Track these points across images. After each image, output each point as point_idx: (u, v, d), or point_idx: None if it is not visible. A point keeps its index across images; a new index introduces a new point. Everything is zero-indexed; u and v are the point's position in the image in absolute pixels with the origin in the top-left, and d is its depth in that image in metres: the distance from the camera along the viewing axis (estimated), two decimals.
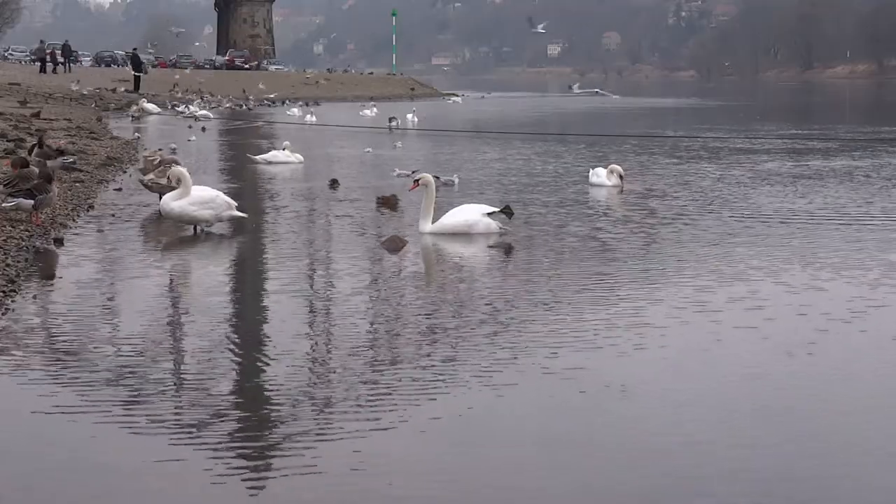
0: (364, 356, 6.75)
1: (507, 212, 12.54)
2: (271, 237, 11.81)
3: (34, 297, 8.32)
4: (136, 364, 6.49)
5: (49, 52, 67.48)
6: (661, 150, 24.66)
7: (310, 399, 5.86)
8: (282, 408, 5.71)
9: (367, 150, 23.86)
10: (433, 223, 11.49)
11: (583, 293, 8.69)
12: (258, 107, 52.21)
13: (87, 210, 13.24)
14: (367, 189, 16.25)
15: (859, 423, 5.61)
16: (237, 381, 6.22)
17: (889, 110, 55.29)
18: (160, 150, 17.27)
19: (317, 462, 4.95)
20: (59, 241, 10.69)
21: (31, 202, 11.14)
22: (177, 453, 5.01)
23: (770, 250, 10.67)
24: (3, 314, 7.60)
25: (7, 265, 9.00)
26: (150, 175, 13.58)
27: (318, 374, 6.38)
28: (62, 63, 67.01)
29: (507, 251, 10.70)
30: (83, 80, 52.33)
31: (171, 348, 6.94)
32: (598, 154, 23.32)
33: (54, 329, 7.36)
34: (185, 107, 42.56)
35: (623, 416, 5.61)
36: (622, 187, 16.00)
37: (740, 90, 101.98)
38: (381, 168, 19.88)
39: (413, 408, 5.68)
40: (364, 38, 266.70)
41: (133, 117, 37.49)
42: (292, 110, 42.53)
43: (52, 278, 9.12)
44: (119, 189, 15.61)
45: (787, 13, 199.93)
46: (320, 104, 55.75)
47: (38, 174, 11.45)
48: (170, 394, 5.93)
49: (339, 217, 13.28)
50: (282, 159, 20.75)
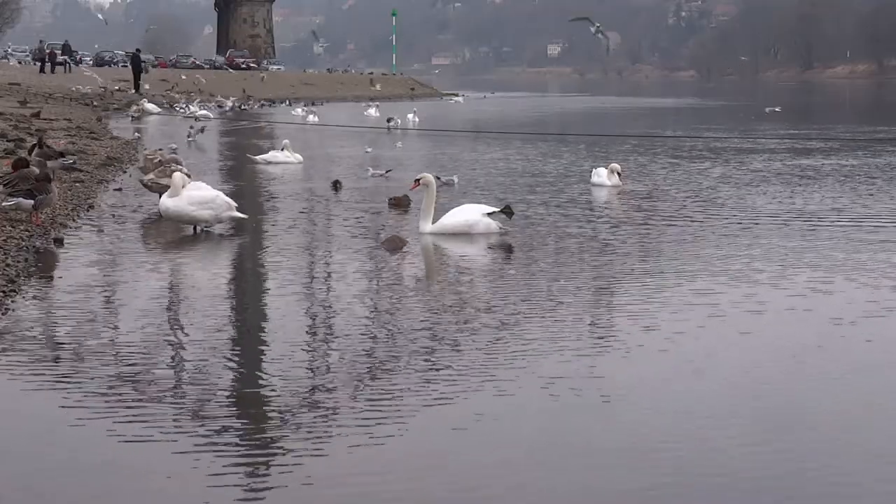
0: (364, 356, 6.74)
1: (508, 212, 12.52)
2: (271, 237, 11.80)
3: (34, 297, 8.32)
4: (137, 364, 6.49)
5: (49, 51, 67.47)
6: (661, 151, 24.65)
7: (310, 399, 5.86)
8: (282, 408, 5.71)
9: (368, 149, 23.84)
10: (433, 223, 11.49)
11: (583, 293, 8.69)
12: (258, 107, 52.20)
13: (87, 210, 13.24)
14: (367, 189, 16.25)
15: (861, 423, 5.61)
16: (237, 382, 6.22)
17: (889, 110, 55.26)
18: (160, 149, 17.27)
19: (317, 462, 4.95)
20: (59, 241, 10.69)
21: (31, 202, 11.14)
22: (177, 453, 5.00)
23: (770, 250, 10.66)
24: (3, 314, 7.60)
25: (7, 265, 9.00)
26: (151, 175, 13.58)
27: (318, 375, 6.38)
28: (62, 63, 66.96)
29: (507, 251, 10.70)
30: (83, 80, 52.25)
31: (171, 348, 6.94)
32: (599, 154, 23.32)
33: (54, 329, 7.36)
34: (185, 107, 42.54)
35: (623, 417, 5.61)
36: (622, 187, 16.00)
37: (740, 90, 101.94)
38: (361, 168, 19.55)
39: (413, 408, 5.68)
40: (364, 38, 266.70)
41: (133, 117, 37.48)
42: (297, 111, 42.40)
43: (52, 278, 9.13)
44: (119, 189, 15.61)
45: (787, 13, 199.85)
46: (323, 104, 55.71)
47: (38, 174, 11.45)
48: (170, 394, 5.92)
49: (338, 217, 13.27)
50: (281, 159, 20.69)
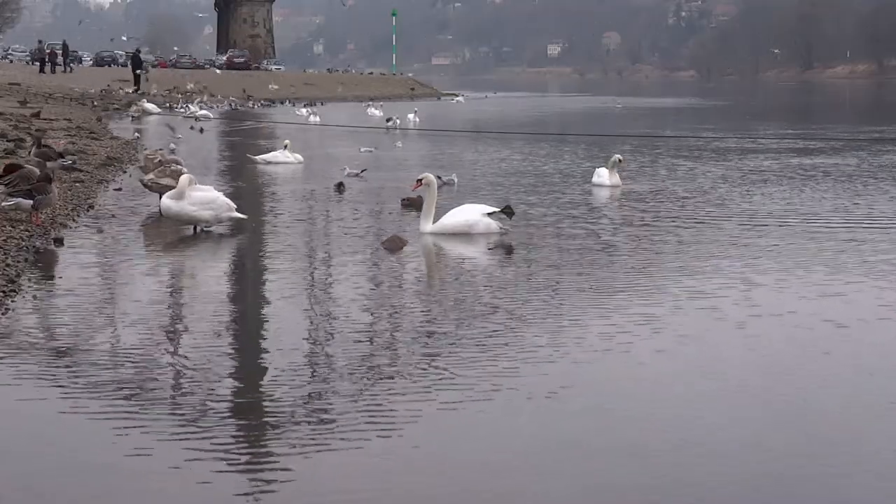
0: (364, 357, 6.74)
1: (508, 212, 12.52)
2: (271, 237, 11.80)
3: (34, 297, 8.32)
4: (137, 364, 6.48)
5: (49, 51, 67.47)
6: (661, 150, 24.65)
7: (311, 400, 5.85)
8: (283, 408, 5.70)
9: (370, 149, 23.81)
10: (434, 223, 11.48)
11: (583, 293, 8.68)
12: (258, 107, 52.20)
13: (87, 210, 13.24)
14: (368, 190, 16.25)
15: (863, 423, 5.61)
16: (238, 382, 6.21)
17: (889, 110, 55.25)
18: (160, 150, 17.27)
19: (317, 462, 4.95)
20: (59, 241, 10.69)
21: (31, 202, 11.14)
22: (177, 453, 5.00)
23: (769, 251, 10.66)
24: (3, 314, 7.60)
25: (7, 265, 9.00)
26: (151, 175, 13.57)
27: (318, 375, 6.37)
28: (61, 63, 66.95)
29: (508, 251, 10.69)
30: (83, 80, 52.23)
31: (171, 349, 6.94)
32: (600, 154, 23.28)
33: (54, 329, 7.36)
34: (186, 107, 42.55)
35: (624, 417, 5.61)
36: (622, 186, 16.00)
37: (740, 90, 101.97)
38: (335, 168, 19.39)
39: (412, 409, 5.68)
40: (364, 38, 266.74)
41: (133, 117, 37.48)
42: (301, 111, 42.30)
43: (52, 278, 9.12)
44: (119, 189, 15.61)
45: (787, 13, 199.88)
46: (323, 104, 55.69)
47: (40, 175, 11.45)
48: (170, 394, 5.92)
49: (339, 217, 13.27)
50: (281, 159, 20.66)
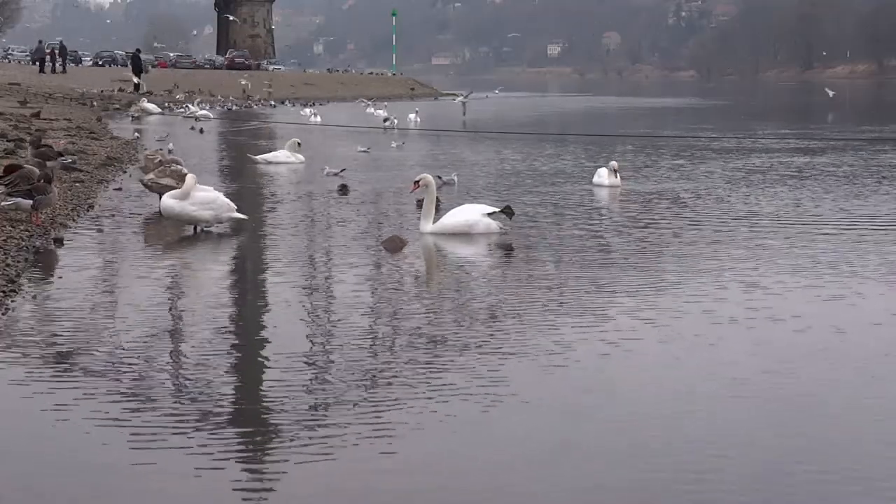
0: (364, 357, 6.74)
1: (508, 212, 12.51)
2: (271, 237, 11.80)
3: (34, 297, 8.32)
4: (137, 364, 6.48)
5: (49, 52, 67.45)
6: (660, 150, 24.64)
7: (311, 400, 5.85)
8: (283, 408, 5.70)
9: (365, 149, 23.79)
10: (434, 223, 11.49)
11: (583, 293, 8.68)
12: (258, 107, 52.19)
13: (87, 210, 13.24)
14: (370, 190, 16.24)
15: (864, 424, 5.61)
16: (238, 382, 6.22)
17: (889, 110, 55.25)
18: (160, 150, 17.28)
19: (317, 462, 4.95)
20: (59, 241, 10.69)
21: (30, 202, 11.14)
22: (177, 453, 5.00)
23: (768, 251, 10.67)
24: (3, 314, 7.60)
25: (7, 265, 9.00)
26: (151, 175, 13.57)
27: (318, 375, 6.37)
28: (60, 63, 66.91)
29: (508, 251, 10.69)
30: (81, 81, 52.21)
31: (171, 348, 6.94)
32: (600, 154, 23.30)
33: (54, 329, 7.35)
34: (185, 107, 42.53)
35: (624, 417, 5.61)
36: (622, 187, 16.00)
37: (740, 90, 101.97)
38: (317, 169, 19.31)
39: (412, 409, 5.68)
40: (364, 38, 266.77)
41: (133, 117, 37.47)
42: (305, 111, 42.16)
43: (52, 278, 9.12)
44: (119, 189, 15.60)
45: (787, 13, 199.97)
46: (323, 104, 55.68)
47: (40, 175, 11.45)
48: (170, 394, 5.92)
49: (339, 217, 13.27)
50: (283, 159, 20.62)
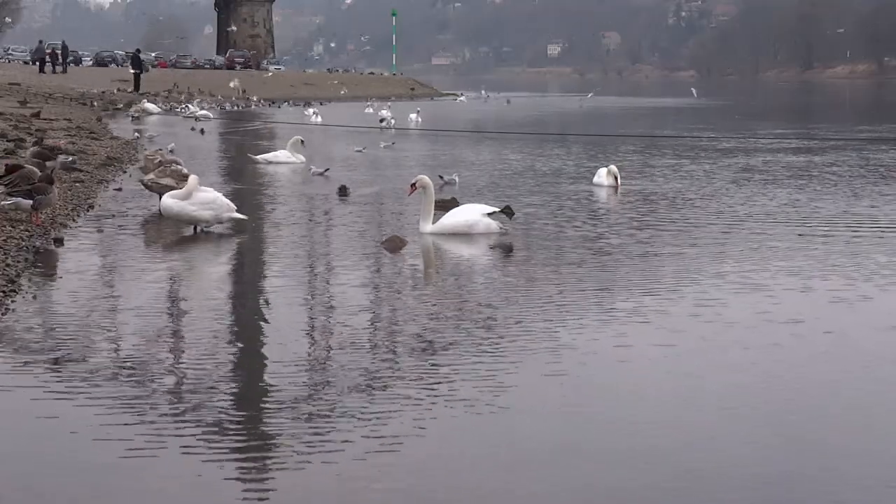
0: (364, 357, 6.75)
1: (508, 212, 12.52)
2: (271, 238, 11.80)
3: (34, 297, 8.32)
4: (137, 364, 6.49)
5: (50, 51, 67.43)
6: (660, 150, 24.64)
7: (310, 400, 5.85)
8: (283, 408, 5.70)
9: (360, 149, 23.78)
10: (433, 223, 11.49)
11: (583, 293, 8.68)
12: (258, 107, 52.18)
13: (87, 210, 13.24)
14: (370, 191, 16.24)
15: (864, 423, 5.61)
16: (238, 382, 6.22)
17: (889, 110, 55.24)
18: (160, 150, 17.27)
19: (317, 462, 4.95)
20: (59, 241, 10.69)
21: (30, 202, 11.14)
22: (177, 453, 5.00)
23: (769, 251, 10.67)
24: (3, 314, 7.60)
25: (7, 265, 9.00)
26: (151, 175, 13.57)
27: (318, 375, 6.37)
28: (60, 63, 66.89)
29: (507, 251, 10.69)
30: (81, 81, 52.19)
31: (171, 348, 6.94)
32: (600, 154, 23.30)
33: (54, 329, 7.36)
34: (185, 107, 42.51)
35: (624, 417, 5.61)
36: (618, 187, 16.00)
37: (740, 90, 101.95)
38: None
39: (412, 409, 5.68)
40: (364, 38, 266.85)
41: (133, 117, 37.46)
42: (309, 111, 42.03)
43: (52, 278, 9.12)
44: (119, 189, 15.60)
45: (787, 13, 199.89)
46: (324, 104, 55.67)
47: (41, 175, 11.46)
48: (170, 394, 5.92)
49: (339, 217, 13.27)
50: (283, 159, 20.60)
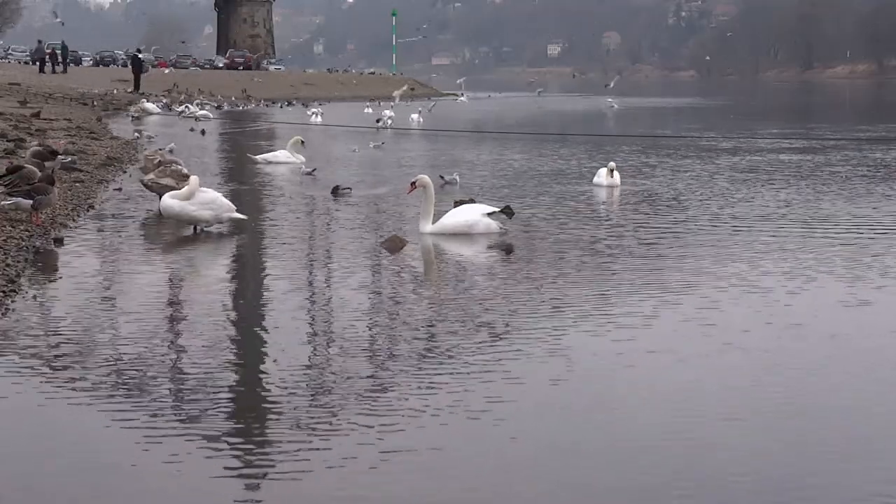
0: (363, 357, 6.75)
1: (508, 212, 12.52)
2: (271, 238, 11.80)
3: (34, 297, 8.32)
4: (137, 364, 6.49)
5: (50, 51, 67.41)
6: (660, 150, 24.64)
7: (310, 399, 5.86)
8: (282, 408, 5.70)
9: (354, 148, 23.76)
10: (433, 223, 11.49)
11: (583, 293, 8.68)
12: (258, 107, 52.19)
13: (87, 210, 13.24)
14: (370, 191, 16.24)
15: (865, 426, 5.61)
16: (237, 381, 6.22)
17: (889, 110, 55.24)
18: (160, 149, 17.27)
19: (317, 462, 4.95)
20: (59, 241, 10.69)
21: (30, 202, 11.14)
22: (177, 453, 5.00)
23: (769, 251, 10.67)
24: (3, 314, 7.60)
25: (7, 265, 9.00)
26: (151, 175, 13.57)
27: (318, 375, 6.38)
28: (60, 63, 66.86)
29: (507, 251, 10.69)
30: (81, 81, 52.18)
31: (171, 349, 6.94)
32: (600, 154, 23.30)
33: (54, 329, 7.36)
34: (185, 107, 42.50)
35: (623, 417, 5.61)
36: (622, 186, 16.00)
37: (740, 90, 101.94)
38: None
39: (411, 409, 5.68)
40: (364, 38, 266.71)
41: (133, 117, 37.45)
42: (310, 111, 41.99)
43: (52, 278, 9.12)
44: (119, 189, 15.60)
45: (787, 13, 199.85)
46: (322, 104, 55.64)
47: (41, 175, 11.46)
48: (170, 394, 5.93)
49: (339, 217, 13.27)
50: (283, 159, 20.59)
